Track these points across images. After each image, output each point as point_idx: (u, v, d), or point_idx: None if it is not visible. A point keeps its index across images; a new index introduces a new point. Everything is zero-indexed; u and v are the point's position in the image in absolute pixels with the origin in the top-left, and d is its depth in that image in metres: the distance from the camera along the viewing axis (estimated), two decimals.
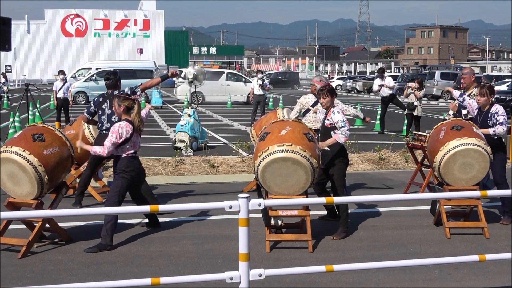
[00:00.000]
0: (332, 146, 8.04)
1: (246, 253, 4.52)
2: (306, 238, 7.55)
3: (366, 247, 7.71)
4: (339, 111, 8.09)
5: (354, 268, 5.89)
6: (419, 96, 18.68)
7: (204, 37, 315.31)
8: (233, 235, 7.26)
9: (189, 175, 12.40)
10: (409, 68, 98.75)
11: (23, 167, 7.19)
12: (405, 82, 35.20)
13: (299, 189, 7.55)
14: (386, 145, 14.93)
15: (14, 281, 6.35)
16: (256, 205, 4.54)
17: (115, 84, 9.61)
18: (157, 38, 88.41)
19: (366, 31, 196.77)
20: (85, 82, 35.72)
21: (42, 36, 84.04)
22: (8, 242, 7.40)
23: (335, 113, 8.06)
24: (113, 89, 9.55)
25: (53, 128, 7.76)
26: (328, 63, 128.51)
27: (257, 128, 10.62)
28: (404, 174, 12.57)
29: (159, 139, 18.76)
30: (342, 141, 7.96)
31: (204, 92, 34.91)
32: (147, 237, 8.08)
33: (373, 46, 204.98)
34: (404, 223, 8.89)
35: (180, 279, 4.89)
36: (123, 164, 7.67)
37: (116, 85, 9.62)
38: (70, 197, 10.12)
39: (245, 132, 19.73)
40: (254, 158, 7.73)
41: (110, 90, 9.56)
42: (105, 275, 6.56)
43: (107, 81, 9.67)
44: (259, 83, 23.37)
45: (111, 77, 9.67)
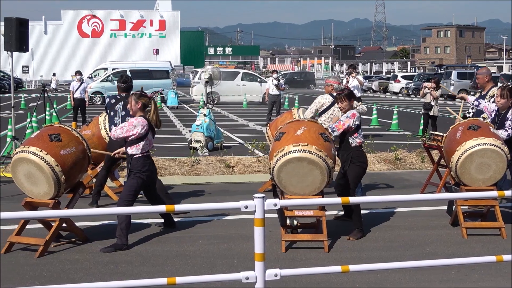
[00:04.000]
0: (349, 149, 8.05)
1: (262, 253, 4.51)
2: (322, 238, 7.54)
3: (382, 248, 7.68)
4: (350, 116, 8.10)
5: (370, 269, 5.87)
6: (436, 96, 18.58)
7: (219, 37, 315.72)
8: (249, 235, 7.27)
9: (204, 175, 12.42)
10: (425, 68, 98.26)
11: (40, 167, 7.23)
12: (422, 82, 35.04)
13: (315, 189, 7.54)
14: (403, 145, 14.87)
15: (31, 280, 6.39)
16: (271, 205, 4.53)
17: (129, 88, 9.62)
18: (173, 38, 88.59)
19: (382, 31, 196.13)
20: (102, 82, 35.89)
21: (59, 37, 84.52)
22: (26, 242, 7.45)
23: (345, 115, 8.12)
24: (126, 92, 9.54)
25: (70, 128, 7.81)
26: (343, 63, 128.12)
27: (273, 128, 10.61)
28: (421, 174, 12.51)
29: (175, 139, 18.81)
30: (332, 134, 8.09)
31: (220, 92, 34.95)
32: (163, 236, 8.11)
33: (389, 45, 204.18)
34: (420, 223, 8.85)
35: (196, 279, 4.90)
36: (140, 164, 7.69)
37: (130, 90, 9.61)
38: (86, 197, 10.17)
39: (261, 132, 19.73)
40: (270, 158, 7.73)
41: (123, 93, 9.56)
42: (121, 275, 6.59)
43: (123, 84, 9.63)
44: (274, 83, 23.38)
45: (128, 80, 9.67)
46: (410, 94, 48.95)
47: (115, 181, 10.71)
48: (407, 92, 49.83)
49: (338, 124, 8.10)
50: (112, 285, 4.70)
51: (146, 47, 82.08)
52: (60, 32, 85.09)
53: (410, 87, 49.60)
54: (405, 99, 46.21)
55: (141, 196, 9.48)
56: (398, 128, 22.15)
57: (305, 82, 66.35)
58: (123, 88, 9.63)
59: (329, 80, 10.78)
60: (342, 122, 8.09)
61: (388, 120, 24.38)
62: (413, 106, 35.93)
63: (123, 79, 9.71)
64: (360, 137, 8.16)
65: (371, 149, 14.32)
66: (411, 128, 21.75)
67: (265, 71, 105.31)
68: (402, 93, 51.00)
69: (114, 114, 9.51)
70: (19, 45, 13.61)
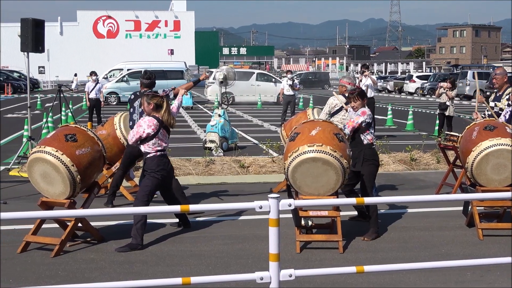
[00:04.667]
0: (361, 147, 8.04)
1: (277, 253, 4.51)
2: (336, 238, 7.53)
3: (397, 248, 7.65)
4: (360, 114, 8.14)
5: (385, 269, 5.85)
6: (451, 96, 18.46)
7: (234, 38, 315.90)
8: (263, 235, 7.26)
9: (219, 175, 12.43)
10: (441, 68, 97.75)
11: (56, 167, 7.28)
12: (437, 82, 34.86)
13: (330, 190, 7.53)
14: (418, 145, 14.80)
15: (47, 279, 6.44)
16: (286, 206, 4.53)
17: (152, 85, 9.60)
18: (188, 38, 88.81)
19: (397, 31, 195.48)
20: (117, 83, 36.01)
21: (75, 38, 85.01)
22: (42, 241, 7.50)
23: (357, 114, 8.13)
24: (148, 88, 9.51)
25: (86, 128, 7.85)
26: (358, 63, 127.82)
27: (287, 128, 10.60)
28: (436, 175, 12.45)
29: (190, 139, 18.84)
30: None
31: (234, 93, 34.98)
32: (178, 236, 8.13)
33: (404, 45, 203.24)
34: (436, 224, 8.81)
35: (211, 279, 4.91)
36: (154, 163, 7.72)
37: (152, 86, 9.62)
38: (102, 196, 10.22)
39: (275, 132, 19.72)
40: (284, 158, 7.72)
41: (144, 89, 9.52)
42: (136, 274, 6.62)
43: (147, 80, 9.57)
44: (289, 83, 23.34)
45: (152, 77, 9.65)
46: (425, 94, 48.71)
47: (130, 181, 10.75)
48: (423, 92, 49.58)
49: (349, 122, 8.14)
50: (127, 285, 4.72)
51: (161, 48, 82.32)
52: (75, 33, 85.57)
53: (425, 87, 49.34)
54: (420, 99, 46.00)
55: (156, 196, 9.51)
56: (413, 128, 22.05)
57: (320, 82, 66.20)
58: (146, 84, 9.56)
59: (342, 80, 10.77)
60: (352, 119, 8.13)
61: (403, 120, 24.28)
62: (429, 106, 35.76)
63: (147, 75, 9.66)
64: (371, 135, 8.16)
65: (386, 149, 14.28)
66: (427, 128, 21.65)
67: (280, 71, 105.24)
68: (417, 93, 50.75)
69: (133, 110, 9.54)
70: (35, 46, 13.70)
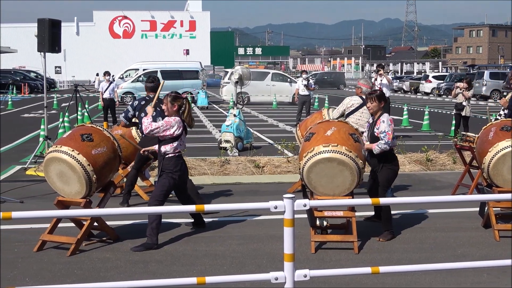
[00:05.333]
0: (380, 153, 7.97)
1: (291, 253, 4.50)
2: (351, 239, 7.50)
3: (413, 249, 7.62)
4: (385, 120, 7.97)
5: (400, 270, 5.84)
6: (468, 96, 18.36)
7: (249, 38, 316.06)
8: (278, 235, 7.26)
9: (234, 175, 12.44)
10: (457, 68, 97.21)
11: (72, 167, 7.31)
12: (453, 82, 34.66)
13: (345, 190, 7.51)
14: (434, 146, 14.73)
15: (63, 278, 6.47)
16: (301, 206, 4.52)
17: (156, 88, 9.64)
18: (203, 39, 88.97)
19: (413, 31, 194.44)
20: (133, 82, 36.13)
21: (91, 38, 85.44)
22: (58, 240, 7.54)
23: (382, 122, 7.96)
24: (153, 92, 9.57)
25: (101, 128, 7.88)
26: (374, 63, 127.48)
27: (303, 129, 10.59)
28: (452, 176, 12.38)
29: (205, 139, 18.88)
30: (376, 152, 7.88)
31: (250, 93, 34.98)
32: (193, 236, 8.14)
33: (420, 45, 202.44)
34: (452, 225, 8.76)
35: (226, 279, 4.91)
36: (172, 164, 7.74)
37: (156, 89, 9.65)
38: (117, 196, 10.26)
39: (291, 133, 19.70)
40: (300, 158, 7.72)
41: (151, 94, 9.60)
42: (151, 274, 6.64)
43: (150, 84, 9.68)
44: (304, 83, 23.32)
45: (155, 80, 9.73)
46: (441, 94, 48.48)
47: (146, 181, 10.78)
48: (439, 92, 49.35)
49: (388, 135, 7.86)
50: (143, 284, 4.74)
51: (177, 48, 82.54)
52: (92, 33, 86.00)
53: (441, 88, 49.11)
54: (436, 99, 45.77)
55: (171, 196, 9.53)
56: (430, 128, 21.95)
57: (335, 82, 66.15)
58: (150, 87, 9.66)
59: (360, 82, 10.75)
60: (389, 132, 7.86)
61: (419, 120, 24.18)
62: (445, 106, 35.57)
63: (151, 79, 9.77)
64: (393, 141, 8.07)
65: (402, 149, 14.21)
66: (443, 128, 21.53)
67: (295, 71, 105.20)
68: (434, 94, 50.51)
69: (145, 115, 9.53)
70: (51, 46, 13.79)
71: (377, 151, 7.87)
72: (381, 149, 7.85)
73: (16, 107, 33.21)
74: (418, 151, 14.40)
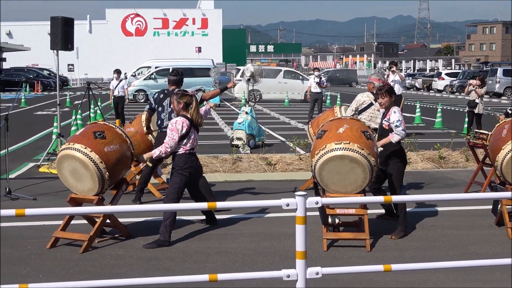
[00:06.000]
0: (388, 146, 7.96)
1: (303, 251, 4.50)
2: (363, 237, 7.49)
3: (425, 247, 7.60)
4: (396, 111, 7.99)
5: (412, 268, 5.81)
6: (481, 94, 18.26)
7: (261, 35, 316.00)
8: (290, 233, 7.25)
9: (246, 172, 12.45)
10: (470, 65, 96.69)
11: (84, 164, 7.34)
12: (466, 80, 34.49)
13: (357, 188, 7.50)
14: (446, 143, 14.66)
15: (75, 275, 6.51)
16: (313, 203, 4.52)
17: (179, 82, 9.60)
18: (215, 36, 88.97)
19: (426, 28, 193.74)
20: (145, 80, 36.17)
21: (103, 36, 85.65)
22: (70, 237, 7.58)
23: (394, 113, 7.96)
24: (176, 86, 9.53)
25: (114, 125, 7.90)
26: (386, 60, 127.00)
27: (315, 126, 10.58)
28: (465, 173, 12.33)
29: (217, 136, 18.90)
30: (395, 140, 7.87)
31: (262, 90, 34.98)
32: (205, 233, 8.16)
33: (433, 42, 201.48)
34: (464, 223, 8.72)
35: (237, 276, 4.92)
36: (181, 161, 7.75)
37: (180, 84, 9.62)
38: (130, 193, 10.30)
39: (302, 130, 19.68)
40: (311, 156, 7.71)
41: (172, 87, 9.53)
42: (163, 271, 6.66)
43: (174, 77, 9.54)
44: (316, 80, 23.28)
45: (178, 74, 9.67)
46: (454, 91, 48.22)
47: (158, 178, 10.81)
48: (451, 89, 49.07)
49: (402, 124, 7.88)
50: (155, 281, 4.75)
51: (189, 45, 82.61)
52: (104, 31, 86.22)
53: (454, 85, 48.84)
54: (449, 96, 45.55)
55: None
56: (442, 126, 21.85)
57: (348, 80, 65.91)
58: (173, 81, 9.55)
59: (371, 77, 10.70)
60: (402, 120, 7.94)
61: (432, 118, 24.07)
62: (458, 104, 35.39)
63: (175, 72, 9.66)
64: None
65: (414, 147, 14.17)
66: (456, 126, 21.43)
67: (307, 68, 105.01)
68: (446, 91, 50.24)
69: (161, 109, 9.54)
70: (64, 44, 13.85)
71: (396, 139, 7.89)
72: (400, 136, 7.87)
73: (29, 104, 33.39)
74: (430, 149, 14.34)
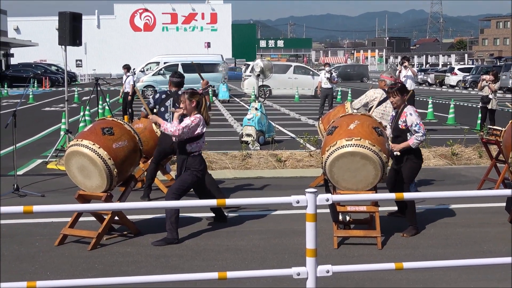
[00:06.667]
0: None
1: (314, 248, 4.49)
2: (375, 234, 7.48)
3: (437, 245, 7.57)
4: (412, 112, 7.93)
5: (424, 266, 5.79)
6: (494, 89, 18.17)
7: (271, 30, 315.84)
8: (300, 230, 7.25)
9: (256, 169, 12.44)
10: (483, 60, 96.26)
11: (93, 160, 7.36)
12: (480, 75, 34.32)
13: (368, 185, 7.48)
14: (459, 139, 14.61)
15: (84, 272, 6.53)
16: (323, 200, 4.51)
17: (181, 84, 9.73)
18: (225, 31, 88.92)
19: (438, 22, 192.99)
20: (153, 76, 36.18)
21: (112, 31, 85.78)
22: (79, 234, 7.60)
23: (410, 115, 7.91)
24: (178, 88, 9.66)
25: (122, 122, 7.92)
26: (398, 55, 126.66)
27: (325, 122, 10.56)
28: (478, 170, 12.27)
29: (226, 133, 18.91)
30: (415, 146, 7.85)
31: (271, 86, 34.97)
32: (214, 231, 8.16)
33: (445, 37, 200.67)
34: (477, 220, 8.69)
35: (247, 274, 4.92)
36: (197, 162, 7.74)
37: (182, 86, 9.74)
38: (138, 190, 10.32)
39: (313, 126, 19.66)
40: (322, 152, 7.70)
41: (175, 89, 9.66)
42: (172, 268, 6.67)
43: (178, 79, 9.71)
44: (326, 76, 23.24)
45: (181, 76, 9.79)
46: (467, 87, 48.03)
47: (167, 175, 10.81)
48: (464, 85, 48.89)
49: (421, 126, 7.83)
50: (164, 279, 4.75)
51: (198, 41, 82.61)
52: (112, 26, 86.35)
53: (467, 80, 48.66)
54: (462, 92, 45.37)
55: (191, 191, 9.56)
56: (455, 122, 21.77)
57: (359, 75, 65.82)
58: (175, 83, 9.70)
59: (383, 75, 10.69)
60: (420, 122, 7.89)
61: (444, 114, 23.98)
62: (471, 99, 35.25)
63: (178, 75, 9.82)
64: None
65: (427, 143, 14.12)
66: (468, 122, 21.35)
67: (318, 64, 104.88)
68: (459, 86, 50.05)
69: (164, 110, 9.59)
70: (72, 39, 13.88)
71: (416, 145, 7.85)
72: (419, 141, 7.85)
73: (37, 100, 33.53)
74: (443, 145, 14.30)
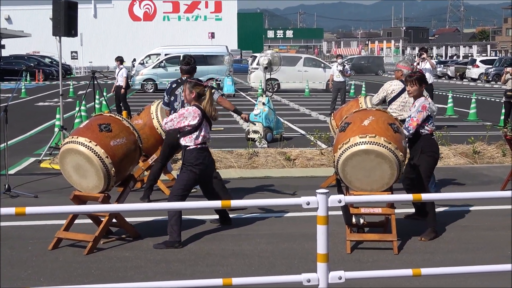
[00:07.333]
0: (419, 139, 7.94)
1: (325, 253, 4.50)
2: (390, 238, 7.47)
3: (457, 250, 7.56)
4: (418, 105, 7.95)
5: (444, 272, 5.78)
6: None
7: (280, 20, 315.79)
8: (311, 234, 7.24)
9: (263, 168, 12.45)
10: (507, 52, 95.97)
11: (89, 159, 7.37)
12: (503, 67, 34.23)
13: (383, 185, 7.47)
14: (481, 137, 14.58)
15: (79, 278, 6.54)
16: (336, 202, 4.51)
17: (192, 70, 9.59)
18: (230, 21, 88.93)
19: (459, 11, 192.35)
20: (154, 69, 36.02)
21: (109, 21, 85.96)
22: (74, 238, 7.62)
23: (414, 106, 7.98)
24: (189, 75, 9.51)
25: (121, 117, 7.92)
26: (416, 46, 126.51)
27: (337, 118, 10.55)
28: (501, 169, 12.25)
29: (232, 129, 18.92)
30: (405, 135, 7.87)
31: (280, 79, 34.96)
32: (219, 234, 8.17)
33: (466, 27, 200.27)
34: (501, 223, 8.66)
35: (254, 280, 4.92)
36: (192, 157, 7.75)
37: (193, 72, 9.61)
38: (138, 191, 10.33)
39: (324, 122, 19.66)
40: (334, 150, 7.69)
41: (185, 76, 9.51)
42: (174, 274, 6.68)
43: (186, 66, 9.53)
44: (339, 68, 23.21)
45: (191, 62, 9.65)
46: (490, 80, 47.90)
47: (168, 174, 10.83)
48: (487, 78, 48.75)
49: (411, 121, 7.91)
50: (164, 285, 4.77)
51: (201, 31, 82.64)
52: (110, 16, 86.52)
53: (490, 73, 48.50)
54: (484, 86, 45.29)
55: (194, 191, 9.58)
56: (477, 118, 21.72)
57: (373, 67, 65.74)
58: (186, 70, 9.54)
59: (399, 65, 10.66)
60: (414, 118, 7.91)
61: (465, 109, 23.94)
62: (493, 93, 35.18)
63: (186, 61, 9.66)
64: (430, 125, 8.02)
65: (446, 141, 14.10)
66: (491, 118, 21.29)
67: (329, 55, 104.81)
68: (481, 80, 49.94)
69: (174, 99, 9.53)
70: (67, 30, 13.90)
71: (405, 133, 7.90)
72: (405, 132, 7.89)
73: (29, 95, 33.61)
74: (464, 143, 14.26)
